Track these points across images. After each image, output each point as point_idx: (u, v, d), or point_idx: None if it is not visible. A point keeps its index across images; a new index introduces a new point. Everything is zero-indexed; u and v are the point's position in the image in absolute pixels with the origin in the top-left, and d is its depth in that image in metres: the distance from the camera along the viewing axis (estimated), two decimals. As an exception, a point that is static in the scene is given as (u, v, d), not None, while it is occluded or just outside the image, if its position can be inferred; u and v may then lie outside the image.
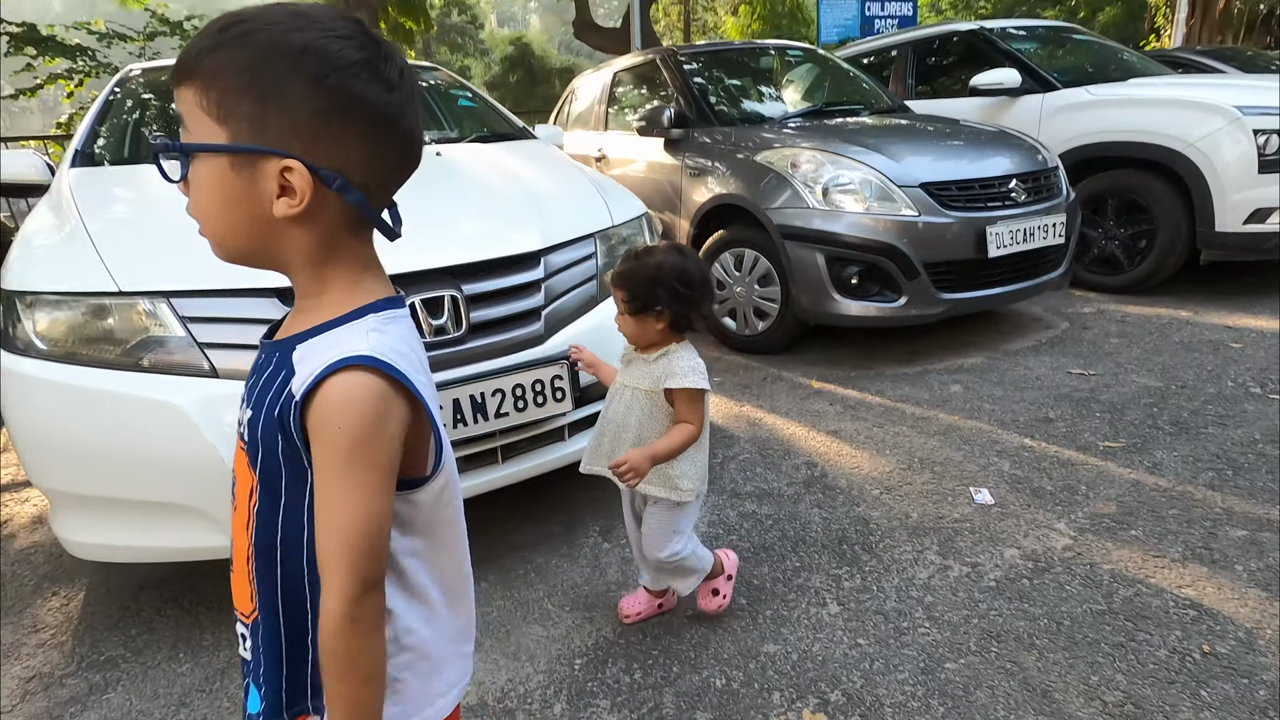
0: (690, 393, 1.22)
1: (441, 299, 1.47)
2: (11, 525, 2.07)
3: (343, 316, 0.56)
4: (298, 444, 0.53)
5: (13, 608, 1.66)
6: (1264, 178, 3.25)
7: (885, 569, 1.56)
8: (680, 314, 1.21)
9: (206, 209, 0.55)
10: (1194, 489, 1.79)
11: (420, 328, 1.44)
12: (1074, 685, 1.20)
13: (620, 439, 1.29)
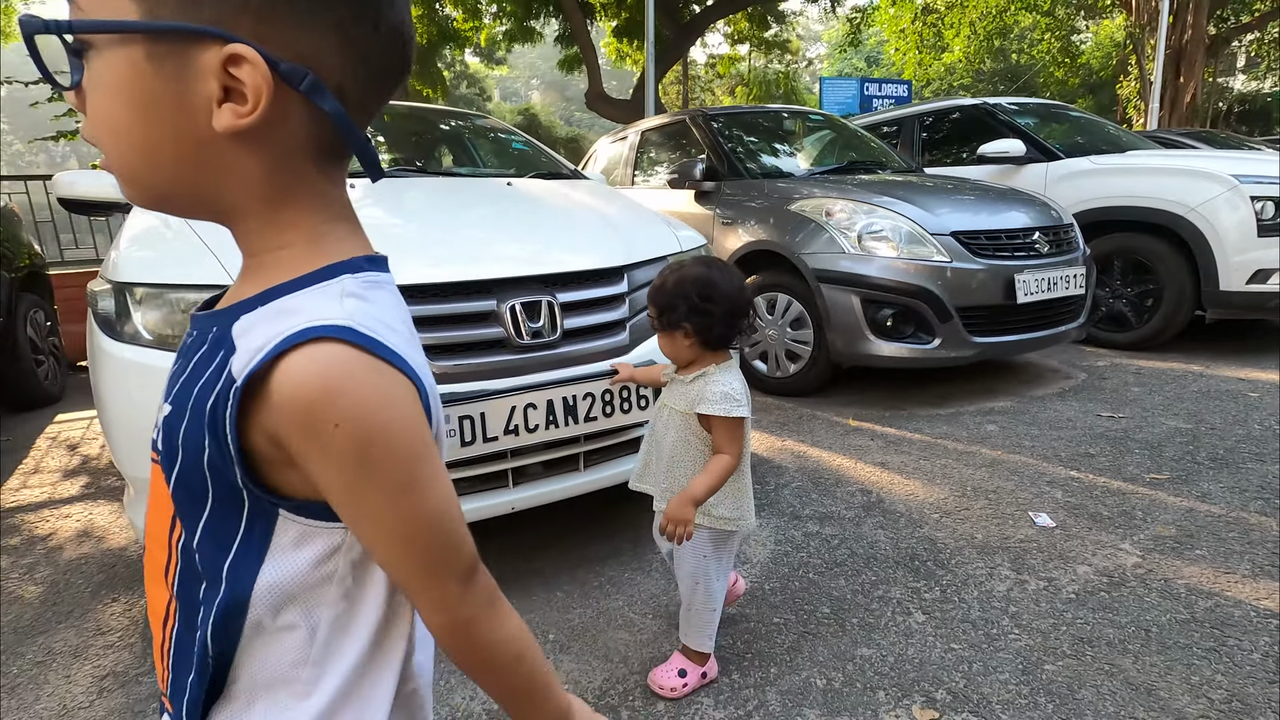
0: (726, 421, 1.14)
1: (538, 304, 1.53)
2: (57, 538, 2.04)
3: (305, 277, 0.40)
4: (229, 451, 0.38)
5: (72, 613, 1.62)
6: (1264, 240, 3.44)
7: (962, 582, 1.58)
8: (702, 328, 1.15)
9: (112, 124, 0.39)
10: (1247, 514, 1.83)
11: (519, 330, 1.49)
12: (1176, 684, 1.22)
13: (659, 458, 1.26)
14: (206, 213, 0.42)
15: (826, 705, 1.21)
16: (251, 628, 0.42)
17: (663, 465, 1.25)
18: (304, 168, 0.41)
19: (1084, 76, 22.69)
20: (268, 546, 0.41)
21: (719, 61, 17.83)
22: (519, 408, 1.45)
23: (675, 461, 1.22)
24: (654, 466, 1.28)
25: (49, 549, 1.96)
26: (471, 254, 1.60)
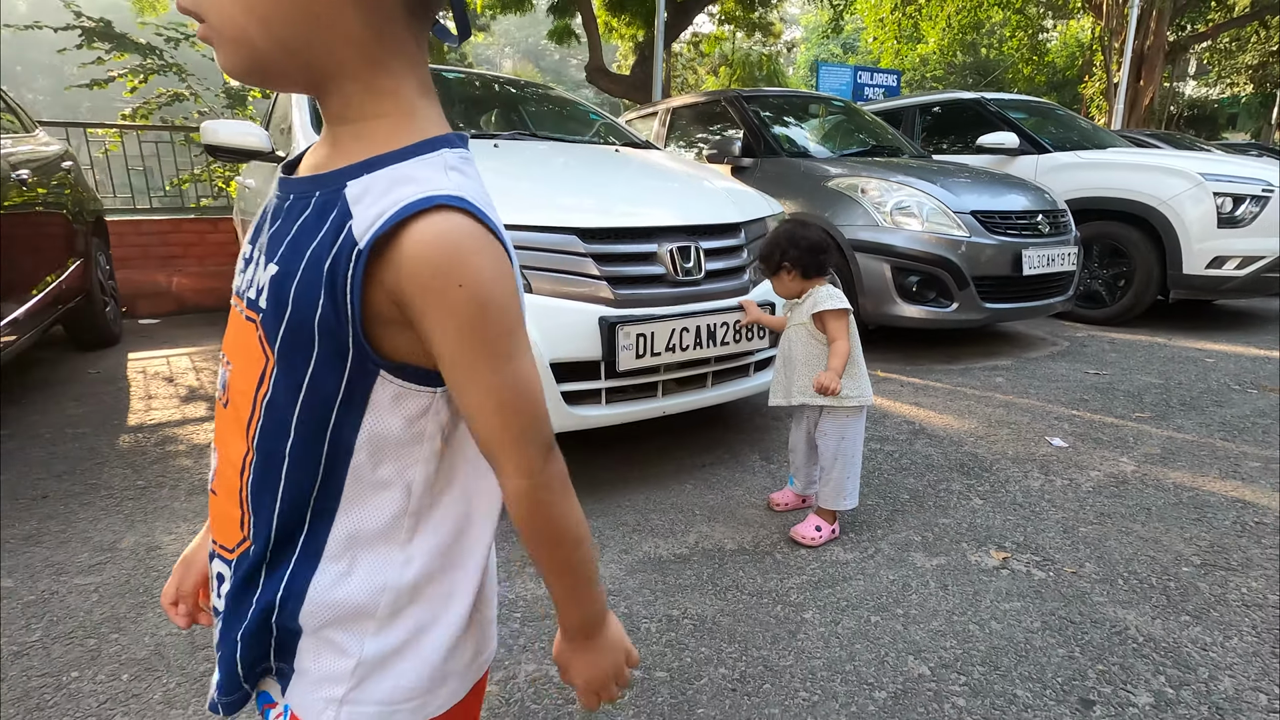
0: (835, 314, 1.58)
1: (688, 248, 1.89)
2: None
3: (409, 148, 0.42)
4: (347, 311, 0.40)
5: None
6: (1222, 231, 3.99)
7: (1004, 481, 2.02)
8: (800, 263, 1.61)
9: None
10: (1213, 441, 2.33)
11: (675, 268, 1.86)
12: (1174, 538, 1.67)
13: (791, 370, 1.68)
14: (304, 79, 0.43)
15: (926, 550, 1.64)
16: (352, 482, 0.45)
17: (796, 373, 1.67)
18: (399, 34, 0.42)
19: (1050, 74, 23.63)
20: (366, 404, 0.44)
21: (704, 40, 18.04)
22: (677, 330, 1.82)
23: (807, 364, 1.65)
24: (789, 379, 1.69)
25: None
26: (631, 206, 1.96)
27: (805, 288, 1.65)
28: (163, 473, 2.10)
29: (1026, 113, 5.42)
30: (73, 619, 1.37)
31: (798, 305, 1.67)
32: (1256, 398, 2.81)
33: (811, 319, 1.62)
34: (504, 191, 1.93)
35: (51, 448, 2.32)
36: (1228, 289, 4.06)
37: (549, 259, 1.74)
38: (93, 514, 1.83)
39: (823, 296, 1.61)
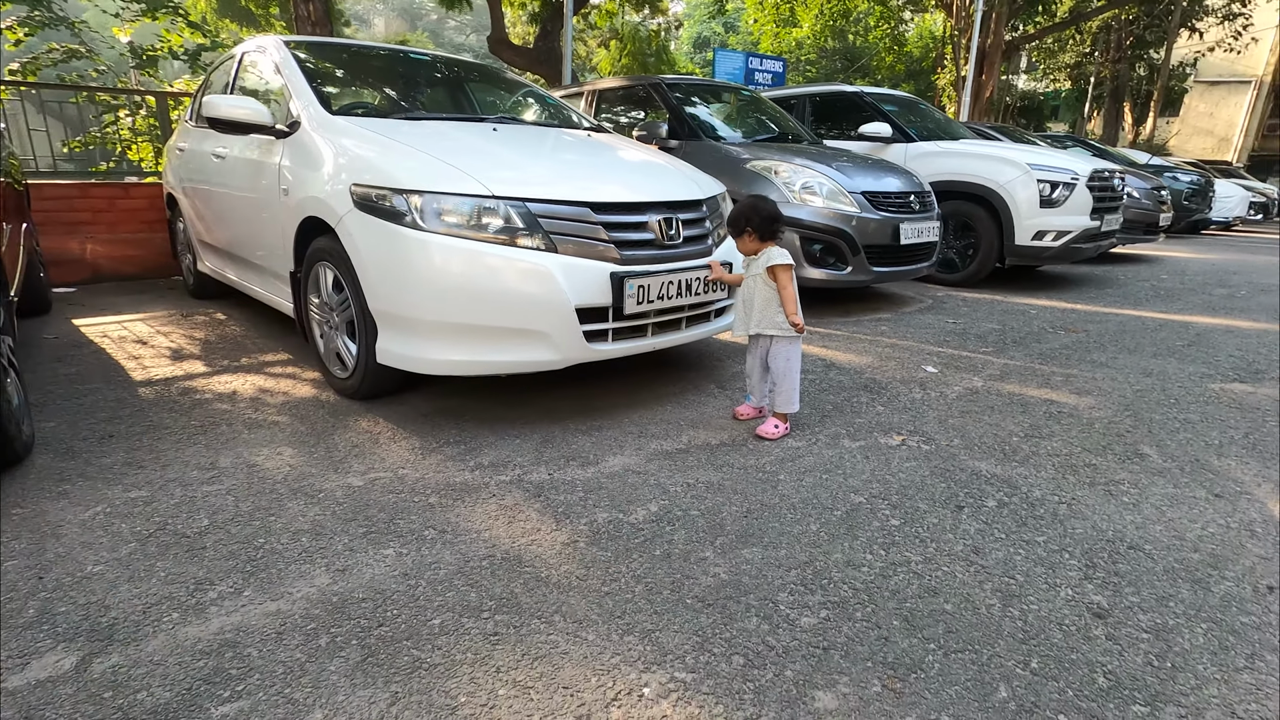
0: (783, 267, 2.16)
1: (671, 219, 2.42)
2: (290, 393, 2.61)
3: None
4: None
5: (333, 429, 2.30)
6: (1043, 211, 5.03)
7: (896, 395, 2.74)
8: (760, 228, 2.17)
9: None
10: (1034, 365, 3.19)
11: (663, 235, 2.38)
12: (1008, 421, 2.44)
13: (750, 309, 2.26)
14: None
15: (850, 437, 2.29)
16: None
17: (754, 311, 2.26)
18: None
19: (908, 63, 25.85)
20: None
21: (594, 13, 18.24)
22: (665, 283, 2.35)
23: (764, 307, 2.23)
24: (749, 316, 2.28)
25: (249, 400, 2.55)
26: (624, 184, 2.45)
27: (761, 248, 2.23)
28: (208, 415, 2.37)
29: (897, 105, 6.32)
30: (226, 511, 1.72)
31: (754, 261, 2.24)
32: (1064, 337, 3.76)
33: (766, 271, 2.20)
34: (529, 173, 2.37)
35: (76, 400, 2.50)
36: (1047, 256, 5.14)
37: (571, 226, 2.21)
38: (172, 445, 2.11)
39: (775, 254, 2.19)
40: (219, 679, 1.15)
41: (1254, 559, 1.58)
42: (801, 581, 1.46)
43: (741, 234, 2.22)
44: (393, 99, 3.33)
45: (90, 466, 1.96)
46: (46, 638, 1.25)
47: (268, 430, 2.24)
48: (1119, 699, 1.14)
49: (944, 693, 1.15)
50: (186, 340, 3.36)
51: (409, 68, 3.62)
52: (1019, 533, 1.68)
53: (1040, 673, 1.20)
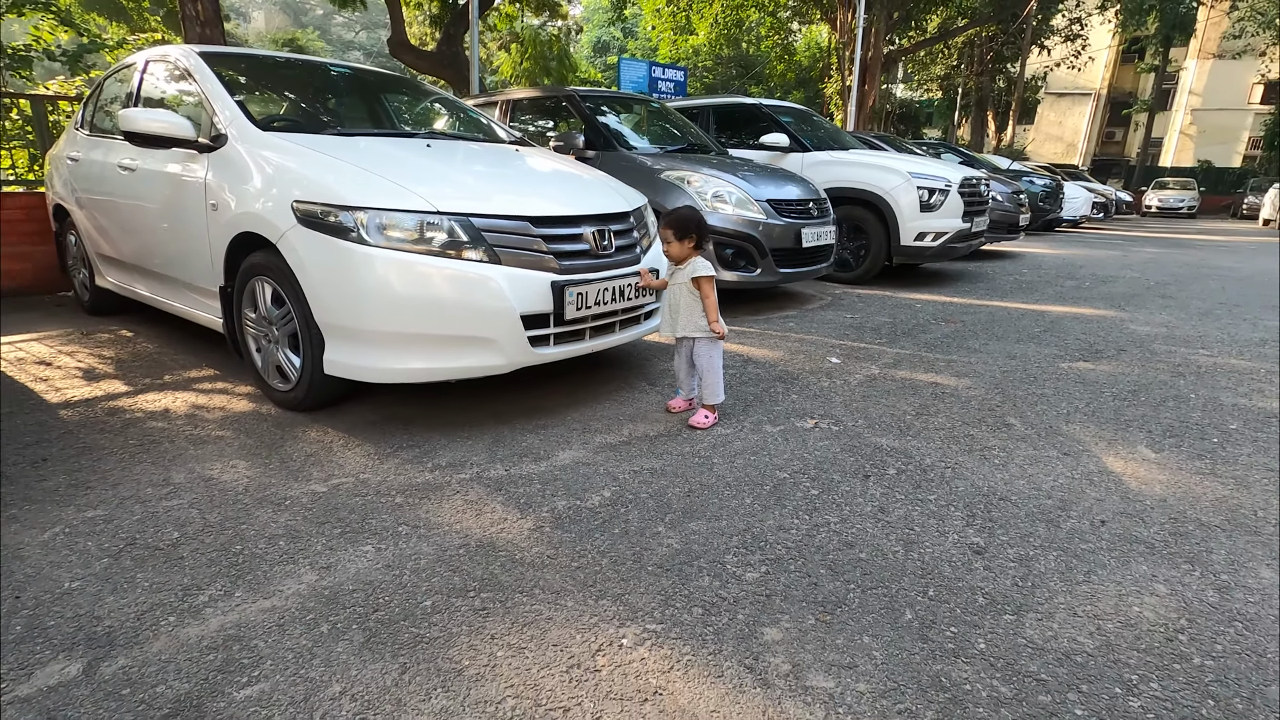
0: (707, 278, 2.43)
1: (604, 230, 2.61)
2: (227, 408, 2.60)
3: None
4: None
5: (283, 440, 2.34)
6: (923, 215, 5.60)
7: (807, 384, 3.06)
8: (697, 238, 2.43)
9: None
10: (921, 353, 3.62)
11: (597, 245, 2.57)
12: (901, 403, 2.80)
13: (676, 314, 2.51)
14: None
15: (770, 423, 2.58)
16: None
17: (680, 316, 2.50)
18: None
19: (798, 72, 27.24)
20: None
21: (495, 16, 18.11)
22: (601, 289, 2.54)
23: (688, 312, 2.48)
24: (674, 320, 2.52)
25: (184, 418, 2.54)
26: (560, 199, 2.63)
27: (691, 255, 2.47)
28: (145, 434, 2.35)
29: (792, 116, 6.80)
30: (194, 523, 1.77)
31: (680, 270, 2.48)
32: (944, 327, 4.26)
33: (691, 281, 2.45)
34: (469, 188, 2.49)
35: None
36: (928, 255, 5.72)
37: (513, 239, 2.36)
38: (116, 465, 2.10)
39: (700, 265, 2.45)
40: (232, 668, 1.25)
41: (1091, 501, 1.97)
42: (742, 545, 1.70)
43: (684, 239, 2.44)
44: (314, 113, 3.34)
45: (32, 490, 1.93)
46: (43, 649, 1.29)
47: (214, 445, 2.26)
48: (994, 612, 1.45)
49: (863, 619, 1.42)
50: (96, 359, 3.23)
51: (328, 80, 3.63)
52: (915, 493, 2.01)
53: (935, 598, 1.49)
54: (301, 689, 1.20)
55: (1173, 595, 1.52)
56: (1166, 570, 1.62)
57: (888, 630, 1.39)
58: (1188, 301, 5.41)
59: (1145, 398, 2.93)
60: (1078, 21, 21.75)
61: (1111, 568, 1.63)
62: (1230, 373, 3.34)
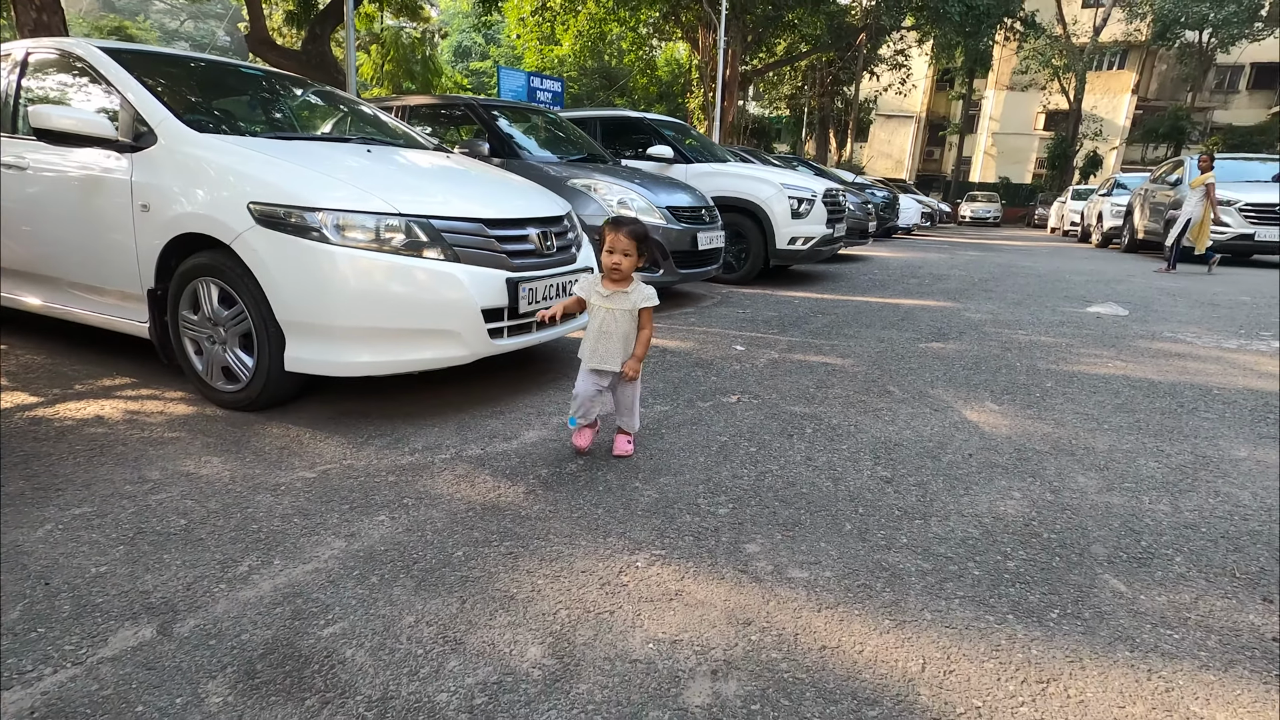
0: (650, 309, 2.18)
1: (546, 232, 2.87)
2: (166, 411, 2.53)
3: None
4: None
5: (247, 437, 2.39)
6: (795, 221, 6.29)
7: (721, 368, 3.47)
8: (651, 257, 2.66)
9: None
10: (808, 340, 4.17)
11: (541, 245, 2.82)
12: (801, 380, 3.29)
13: (610, 342, 2.15)
14: None
15: (701, 400, 2.94)
16: None
17: (617, 347, 2.16)
18: None
19: (659, 86, 28.42)
20: None
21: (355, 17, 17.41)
22: (548, 285, 2.80)
23: (624, 342, 2.17)
24: (608, 349, 2.17)
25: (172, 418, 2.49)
26: (506, 203, 2.84)
27: (631, 278, 2.17)
28: (88, 440, 2.30)
29: (673, 130, 7.32)
30: (196, 511, 1.83)
31: (623, 294, 2.15)
32: (824, 318, 4.89)
33: (639, 312, 2.16)
34: (422, 191, 2.65)
35: (-102, 441, 2.23)
36: (799, 258, 6.42)
37: (470, 239, 2.56)
38: (74, 468, 2.06)
39: (649, 294, 2.15)
40: (305, 615, 1.40)
41: (959, 441, 2.51)
42: (708, 490, 2.05)
43: (641, 254, 2.16)
44: (235, 115, 3.30)
45: (-6, 496, 1.88)
46: (105, 620, 1.37)
47: (174, 445, 2.26)
48: (907, 519, 1.89)
49: (816, 532, 1.81)
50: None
51: (241, 81, 3.57)
52: (831, 445, 2.45)
53: (864, 514, 1.92)
54: (379, 622, 1.38)
55: (1024, 498, 2.05)
56: (1017, 482, 2.16)
57: (835, 538, 1.78)
58: (1005, 294, 6.51)
59: (984, 367, 3.63)
60: (902, 53, 24.52)
61: (981, 484, 2.14)
62: (1041, 346, 4.17)
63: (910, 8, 19.27)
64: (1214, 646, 1.38)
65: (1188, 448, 2.50)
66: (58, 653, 1.27)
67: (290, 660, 1.27)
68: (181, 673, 1.23)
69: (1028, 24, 20.27)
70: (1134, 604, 1.52)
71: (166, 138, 2.63)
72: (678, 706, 1.18)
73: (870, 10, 21.23)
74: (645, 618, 1.43)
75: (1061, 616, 1.47)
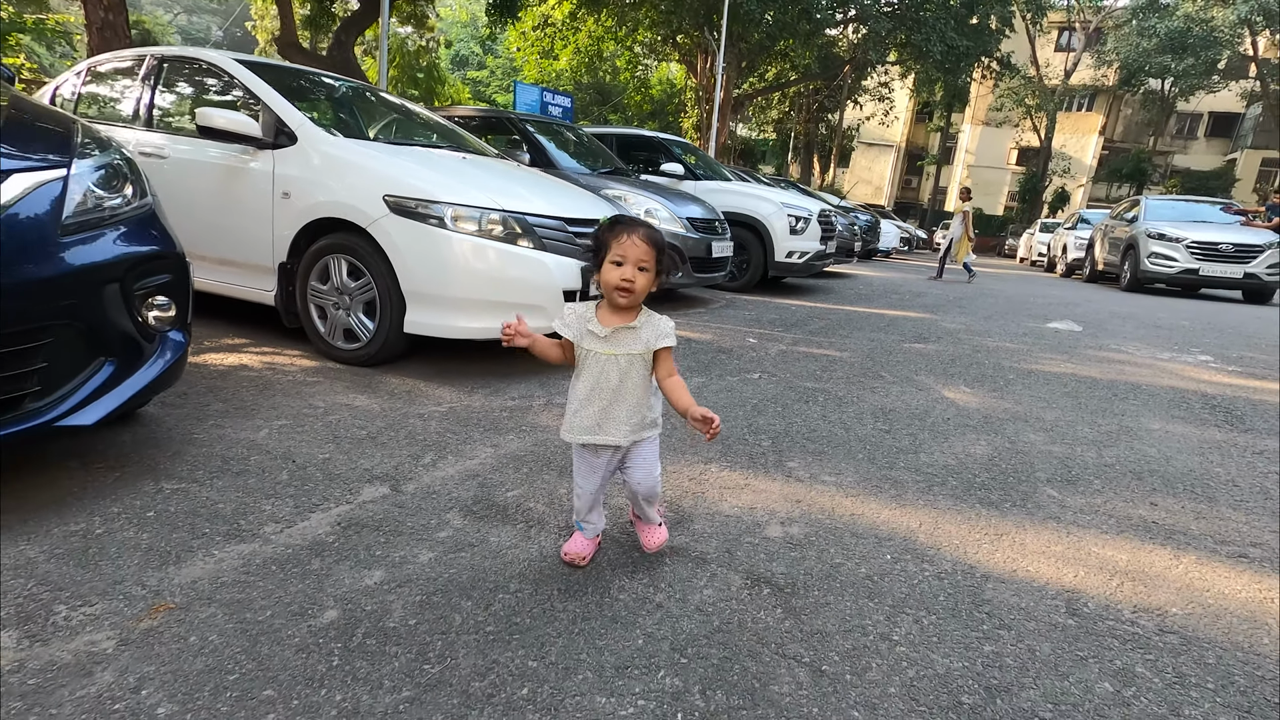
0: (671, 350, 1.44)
1: (608, 231, 3.47)
2: (298, 364, 3.08)
3: None
4: None
5: (375, 384, 2.94)
6: (793, 237, 6.99)
7: (741, 354, 4.10)
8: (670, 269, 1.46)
9: None
10: (809, 337, 4.83)
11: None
12: (806, 364, 3.93)
13: (617, 403, 1.44)
14: None
15: (728, 376, 3.57)
16: None
17: (623, 409, 1.45)
18: None
19: (653, 104, 29.33)
20: None
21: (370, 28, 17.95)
22: (609, 275, 3.40)
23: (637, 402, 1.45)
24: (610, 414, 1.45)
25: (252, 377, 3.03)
26: (576, 204, 3.45)
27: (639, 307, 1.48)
28: (249, 380, 2.84)
29: (682, 149, 8.01)
30: (371, 425, 2.39)
31: (628, 331, 1.44)
32: (820, 321, 5.56)
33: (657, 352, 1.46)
34: (512, 193, 3.24)
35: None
36: (795, 270, 7.12)
37: (553, 234, 3.16)
38: (254, 398, 2.61)
39: (665, 329, 1.46)
40: (490, 485, 1.98)
41: (939, 410, 3.16)
42: (751, 432, 2.66)
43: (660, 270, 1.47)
44: (342, 120, 3.87)
45: (207, 411, 2.42)
46: (350, 483, 1.93)
47: (320, 386, 2.82)
48: (903, 453, 2.52)
49: (836, 457, 2.43)
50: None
51: (342, 93, 4.14)
52: (839, 408, 3.09)
53: (870, 450, 2.54)
54: (543, 491, 1.97)
55: (989, 445, 2.70)
56: (984, 436, 2.81)
57: (851, 461, 2.41)
58: (976, 310, 7.26)
59: (958, 363, 4.31)
60: (885, 85, 25.71)
61: (957, 436, 2.79)
62: (1006, 350, 4.88)
63: (895, 44, 20.37)
64: (1111, 523, 2.03)
65: (1115, 421, 3.18)
66: (329, 498, 1.84)
67: (493, 507, 1.85)
68: (423, 510, 1.81)
69: (1004, 64, 21.51)
70: (1062, 502, 2.17)
71: (306, 139, 3.19)
72: (763, 536, 1.79)
73: (857, 44, 22.34)
74: (728, 496, 2.03)
75: (1012, 506, 2.11)
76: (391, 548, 1.61)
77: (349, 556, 1.56)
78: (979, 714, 1.19)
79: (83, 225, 1.64)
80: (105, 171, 1.78)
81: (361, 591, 1.42)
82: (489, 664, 1.23)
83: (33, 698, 1.08)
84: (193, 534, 1.60)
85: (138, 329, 1.78)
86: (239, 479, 1.90)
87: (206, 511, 1.71)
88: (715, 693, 1.21)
